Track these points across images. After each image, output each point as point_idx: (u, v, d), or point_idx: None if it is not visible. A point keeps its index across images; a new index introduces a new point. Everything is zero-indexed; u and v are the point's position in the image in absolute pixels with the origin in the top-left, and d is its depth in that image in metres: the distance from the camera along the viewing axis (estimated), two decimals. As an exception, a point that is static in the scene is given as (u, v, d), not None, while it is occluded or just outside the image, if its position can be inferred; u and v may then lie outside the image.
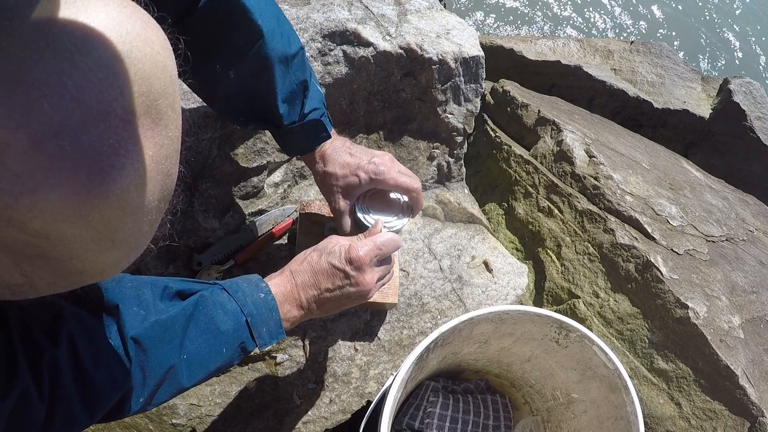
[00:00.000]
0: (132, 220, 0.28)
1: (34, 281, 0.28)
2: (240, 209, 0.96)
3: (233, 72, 0.65)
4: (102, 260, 0.29)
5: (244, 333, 0.58)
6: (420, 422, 0.96)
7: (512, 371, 0.99)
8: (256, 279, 0.63)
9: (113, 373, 0.48)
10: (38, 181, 0.23)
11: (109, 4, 0.26)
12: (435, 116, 1.09)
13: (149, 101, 0.27)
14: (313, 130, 0.71)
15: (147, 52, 0.27)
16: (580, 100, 1.68)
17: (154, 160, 0.28)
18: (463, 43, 1.07)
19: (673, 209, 1.12)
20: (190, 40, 0.63)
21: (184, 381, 0.55)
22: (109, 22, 0.26)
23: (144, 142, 0.27)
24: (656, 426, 0.95)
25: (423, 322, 0.99)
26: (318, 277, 0.64)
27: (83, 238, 0.26)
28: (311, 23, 0.95)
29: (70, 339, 0.45)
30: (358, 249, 0.64)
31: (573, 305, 1.05)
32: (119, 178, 0.26)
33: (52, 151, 0.24)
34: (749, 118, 1.60)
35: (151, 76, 0.27)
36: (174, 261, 0.91)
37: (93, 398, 0.47)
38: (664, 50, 1.78)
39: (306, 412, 0.90)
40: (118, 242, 0.28)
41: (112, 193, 0.26)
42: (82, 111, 0.24)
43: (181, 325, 0.55)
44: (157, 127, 0.28)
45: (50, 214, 0.24)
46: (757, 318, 1.02)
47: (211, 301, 0.57)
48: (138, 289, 0.54)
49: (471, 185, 1.26)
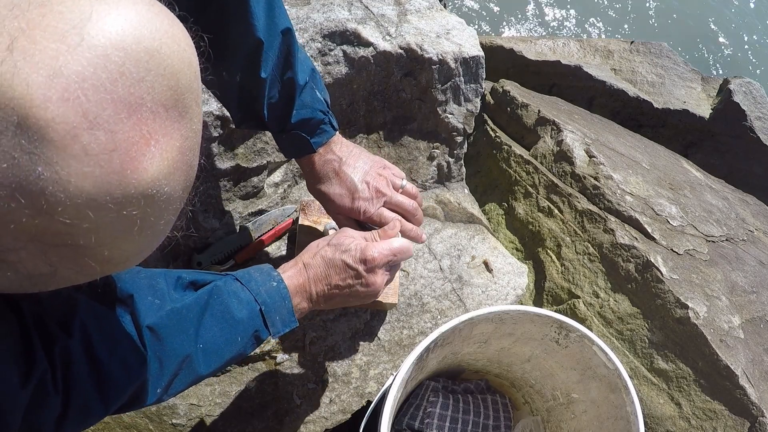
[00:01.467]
0: (159, 208, 0.29)
1: (59, 271, 0.28)
2: (240, 209, 0.96)
3: (226, 74, 0.65)
4: (128, 248, 0.30)
5: (258, 321, 0.59)
6: (420, 422, 0.96)
7: (512, 371, 0.99)
8: (268, 268, 0.63)
9: (128, 362, 0.48)
10: (73, 170, 0.25)
11: (138, 2, 0.27)
12: (435, 116, 1.09)
13: (177, 95, 0.28)
14: (297, 142, 0.70)
15: (175, 48, 0.28)
16: (580, 100, 1.68)
17: (180, 151, 0.29)
18: (463, 43, 1.07)
19: (673, 209, 1.12)
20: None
21: (201, 369, 0.55)
22: (139, 19, 0.27)
23: (172, 134, 0.29)
24: (656, 426, 0.95)
25: (423, 322, 0.99)
26: (330, 272, 0.64)
27: (114, 226, 0.27)
28: (311, 23, 0.95)
29: (83, 329, 0.45)
30: (373, 250, 0.64)
31: (573, 305, 1.06)
32: (150, 167, 0.27)
33: (87, 141, 0.25)
34: (749, 118, 1.60)
35: (178, 72, 0.28)
36: (174, 261, 0.91)
37: (108, 388, 0.47)
38: (664, 50, 1.78)
39: (306, 412, 0.90)
40: (146, 230, 0.29)
41: (143, 182, 0.27)
42: (116, 103, 0.25)
43: (196, 313, 0.55)
44: (183, 119, 0.29)
45: (83, 202, 0.25)
46: (757, 318, 1.02)
47: (225, 290, 0.57)
48: (152, 279, 0.54)
49: (471, 185, 1.26)
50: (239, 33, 0.62)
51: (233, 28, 0.62)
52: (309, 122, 0.69)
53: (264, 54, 0.63)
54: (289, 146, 0.72)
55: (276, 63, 0.65)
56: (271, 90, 0.66)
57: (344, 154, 0.73)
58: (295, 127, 0.68)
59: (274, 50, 0.64)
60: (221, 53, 0.63)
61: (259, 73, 0.64)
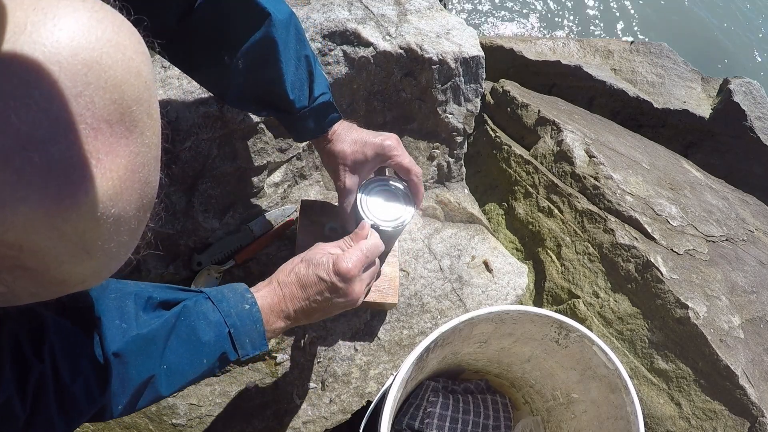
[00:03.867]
0: (107, 230, 0.27)
1: (16, 291, 0.27)
2: (240, 209, 0.96)
3: (242, 62, 0.65)
4: (80, 271, 0.28)
5: (226, 344, 0.58)
6: (420, 422, 0.96)
7: (512, 371, 0.99)
8: (243, 289, 0.62)
9: (90, 386, 0.49)
10: (7, 195, 0.23)
11: (78, 9, 0.26)
12: (435, 116, 1.09)
13: (122, 108, 0.27)
14: (324, 112, 0.72)
15: (118, 57, 0.27)
16: (580, 100, 1.68)
17: (129, 169, 0.27)
18: (463, 43, 1.07)
19: (673, 209, 1.12)
20: (197, 35, 0.63)
21: (162, 390, 0.56)
22: (78, 27, 0.25)
23: (118, 151, 0.27)
24: (656, 426, 0.95)
25: (423, 322, 0.99)
26: (306, 289, 0.64)
27: (57, 250, 0.26)
28: (311, 23, 0.95)
29: (51, 352, 0.45)
30: (346, 261, 0.64)
31: (573, 305, 1.05)
32: (91, 189, 0.25)
33: (20, 164, 0.23)
34: (749, 118, 1.60)
35: (123, 83, 0.27)
36: (174, 261, 0.91)
37: (71, 410, 0.47)
38: (664, 50, 1.78)
39: (306, 412, 0.90)
40: (95, 253, 0.28)
41: (84, 204, 0.25)
42: (50, 122, 0.24)
43: (163, 337, 0.55)
44: (132, 134, 0.27)
45: (21, 227, 0.24)
46: (757, 318, 1.02)
47: (194, 312, 0.57)
48: (121, 301, 0.54)
49: (471, 185, 1.26)
50: (248, 17, 0.63)
51: (240, 11, 0.63)
52: (326, 95, 0.71)
53: (280, 34, 0.65)
54: (314, 122, 0.72)
55: (294, 41, 0.67)
56: (290, 67, 0.67)
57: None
58: (318, 99, 0.70)
59: (291, 30, 0.66)
60: (224, 38, 0.64)
61: (277, 53, 0.65)
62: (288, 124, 0.74)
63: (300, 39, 0.68)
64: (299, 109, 0.70)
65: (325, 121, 0.72)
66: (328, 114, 0.72)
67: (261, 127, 0.93)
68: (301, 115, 0.70)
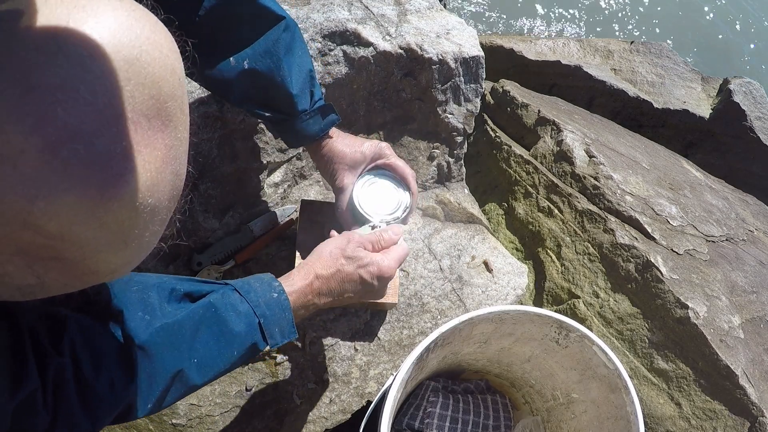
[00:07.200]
0: (144, 220, 0.29)
1: (46, 282, 0.28)
2: (240, 209, 0.96)
3: (247, 62, 0.66)
4: (114, 260, 0.29)
5: (257, 334, 0.58)
6: (420, 422, 0.96)
7: (512, 371, 0.99)
8: (269, 278, 0.63)
9: (115, 382, 0.48)
10: (53, 185, 0.24)
11: (117, 8, 0.27)
12: (435, 116, 1.09)
13: (159, 104, 0.28)
14: (324, 114, 0.73)
15: (156, 55, 0.28)
16: (580, 100, 1.68)
17: (164, 161, 0.29)
18: (463, 43, 1.07)
19: (673, 209, 1.12)
20: (202, 36, 0.64)
21: (196, 380, 0.55)
22: (118, 26, 0.26)
23: (155, 144, 0.28)
24: (656, 426, 0.95)
25: (423, 322, 0.99)
26: (345, 285, 0.65)
27: (97, 240, 0.27)
28: (311, 23, 0.95)
29: (71, 347, 0.44)
30: (390, 267, 0.67)
31: (573, 305, 1.05)
32: (132, 180, 0.27)
33: (67, 156, 0.24)
34: (749, 118, 1.60)
35: (160, 79, 0.28)
36: (174, 261, 0.91)
37: (95, 406, 0.46)
38: (664, 50, 1.78)
39: (306, 412, 0.90)
40: (131, 242, 0.29)
41: (125, 195, 0.26)
42: (95, 115, 0.25)
43: (190, 329, 0.54)
44: (167, 128, 0.29)
45: (65, 217, 0.25)
46: (757, 318, 1.02)
47: (222, 304, 0.57)
48: (143, 293, 0.53)
49: (471, 185, 1.26)
50: (260, 20, 0.65)
51: (251, 14, 0.64)
52: (321, 99, 0.74)
53: (290, 37, 0.67)
54: (314, 124, 0.73)
55: (300, 45, 0.69)
56: (295, 70, 0.69)
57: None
58: (317, 103, 0.72)
59: (298, 33, 0.69)
60: (232, 39, 0.65)
61: (288, 55, 0.67)
62: (286, 128, 0.74)
63: (303, 43, 0.70)
64: (302, 111, 0.70)
65: (325, 122, 0.73)
66: (328, 115, 0.74)
67: (261, 127, 0.93)
68: (302, 116, 0.71)
